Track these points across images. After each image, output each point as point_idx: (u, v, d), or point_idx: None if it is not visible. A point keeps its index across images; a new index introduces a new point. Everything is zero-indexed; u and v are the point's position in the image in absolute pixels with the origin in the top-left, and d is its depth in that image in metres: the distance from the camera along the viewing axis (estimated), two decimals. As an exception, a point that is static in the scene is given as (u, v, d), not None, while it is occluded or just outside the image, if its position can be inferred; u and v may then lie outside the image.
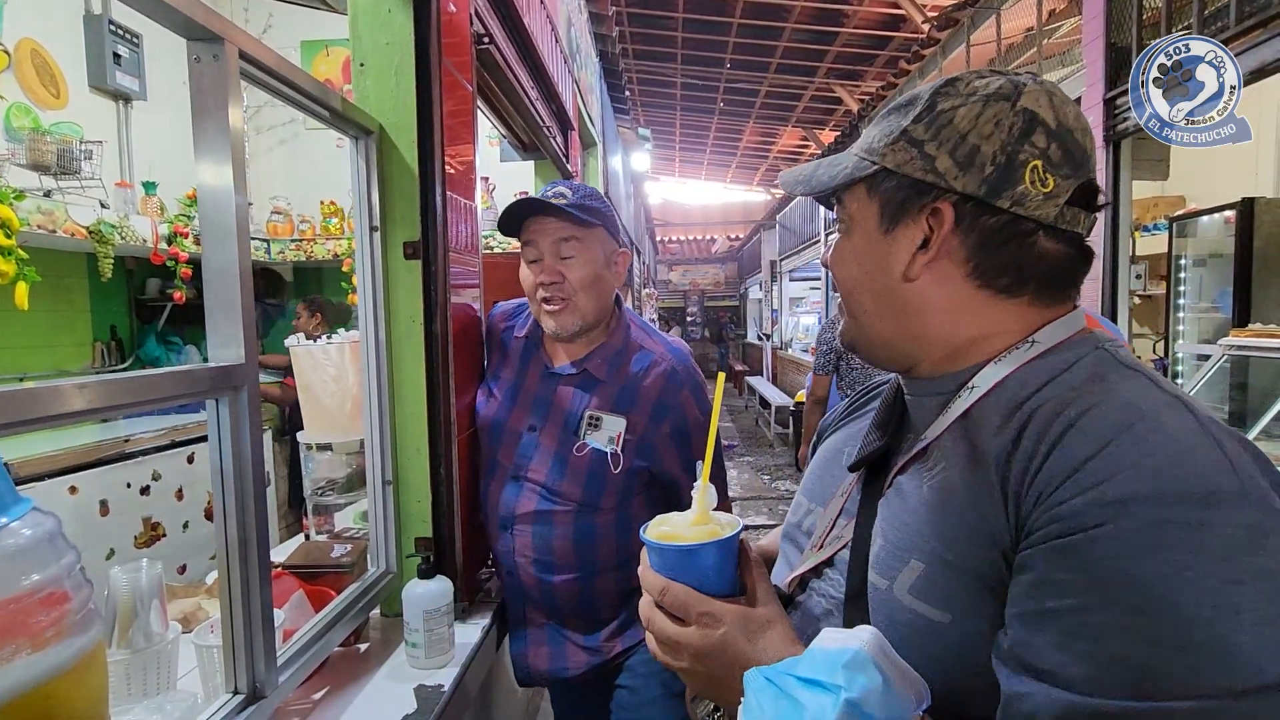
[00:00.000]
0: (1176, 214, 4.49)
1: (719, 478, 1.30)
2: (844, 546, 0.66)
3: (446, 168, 1.36)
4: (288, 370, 3.88)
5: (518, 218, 1.30)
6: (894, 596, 0.57)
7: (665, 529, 0.64)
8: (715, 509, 0.66)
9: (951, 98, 0.60)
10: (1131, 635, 0.44)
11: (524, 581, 1.34)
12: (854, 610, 0.61)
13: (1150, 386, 0.54)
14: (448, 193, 1.36)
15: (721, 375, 0.75)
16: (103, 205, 3.11)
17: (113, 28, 3.42)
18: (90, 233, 2.87)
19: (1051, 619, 0.47)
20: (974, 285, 0.61)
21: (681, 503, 0.92)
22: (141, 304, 4.13)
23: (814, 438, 0.90)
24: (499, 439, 1.37)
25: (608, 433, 1.28)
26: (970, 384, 0.61)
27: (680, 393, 1.30)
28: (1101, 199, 0.62)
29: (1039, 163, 0.58)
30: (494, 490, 1.37)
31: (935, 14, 5.61)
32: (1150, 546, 0.45)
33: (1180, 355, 4.07)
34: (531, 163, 3.43)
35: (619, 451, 1.27)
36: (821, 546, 0.69)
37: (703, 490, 0.64)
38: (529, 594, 1.35)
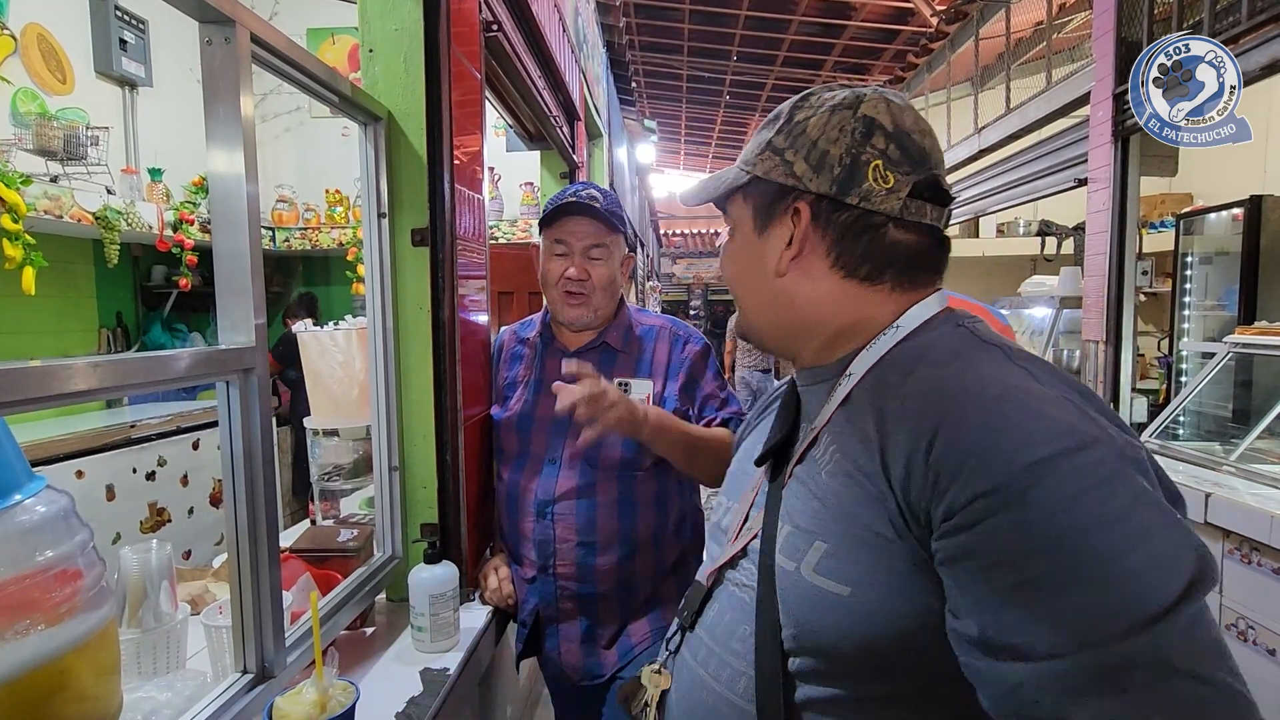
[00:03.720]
0: (1184, 211, 4.48)
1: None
2: (754, 537, 0.70)
3: (454, 156, 1.36)
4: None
5: (559, 214, 1.37)
6: (801, 576, 0.62)
7: (287, 709, 0.78)
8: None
9: (805, 109, 0.68)
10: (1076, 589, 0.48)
11: (560, 572, 1.34)
12: (766, 591, 0.66)
13: (1004, 361, 0.60)
14: (455, 181, 1.36)
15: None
16: (109, 191, 3.11)
17: (119, 13, 3.41)
18: (96, 218, 2.88)
19: (1011, 593, 0.49)
20: (839, 276, 0.68)
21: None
22: (147, 290, 4.14)
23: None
24: (529, 431, 1.41)
25: (638, 395, 1.38)
26: (848, 371, 0.67)
27: (685, 347, 1.42)
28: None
29: (879, 162, 0.65)
30: (527, 481, 1.38)
31: (944, 7, 5.55)
32: (1062, 501, 0.49)
33: (1185, 353, 4.06)
34: (537, 153, 3.42)
35: None
36: (736, 539, 0.74)
37: (319, 669, 0.77)
38: (565, 586, 1.35)
